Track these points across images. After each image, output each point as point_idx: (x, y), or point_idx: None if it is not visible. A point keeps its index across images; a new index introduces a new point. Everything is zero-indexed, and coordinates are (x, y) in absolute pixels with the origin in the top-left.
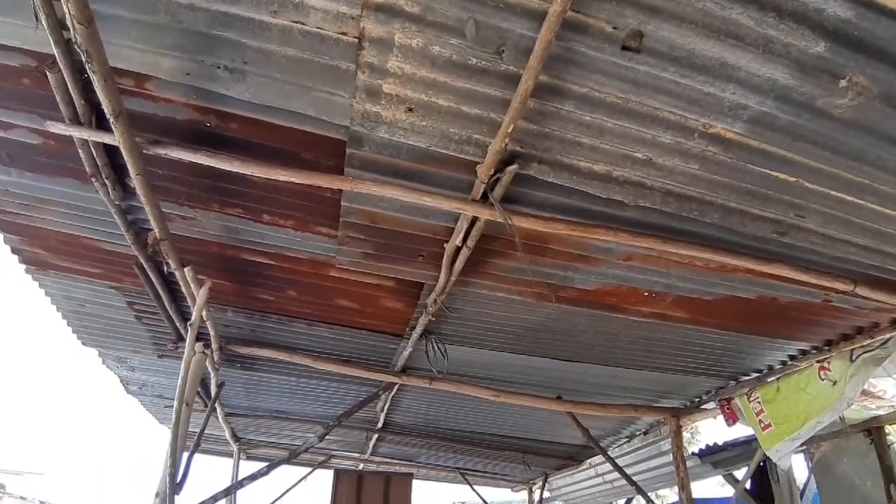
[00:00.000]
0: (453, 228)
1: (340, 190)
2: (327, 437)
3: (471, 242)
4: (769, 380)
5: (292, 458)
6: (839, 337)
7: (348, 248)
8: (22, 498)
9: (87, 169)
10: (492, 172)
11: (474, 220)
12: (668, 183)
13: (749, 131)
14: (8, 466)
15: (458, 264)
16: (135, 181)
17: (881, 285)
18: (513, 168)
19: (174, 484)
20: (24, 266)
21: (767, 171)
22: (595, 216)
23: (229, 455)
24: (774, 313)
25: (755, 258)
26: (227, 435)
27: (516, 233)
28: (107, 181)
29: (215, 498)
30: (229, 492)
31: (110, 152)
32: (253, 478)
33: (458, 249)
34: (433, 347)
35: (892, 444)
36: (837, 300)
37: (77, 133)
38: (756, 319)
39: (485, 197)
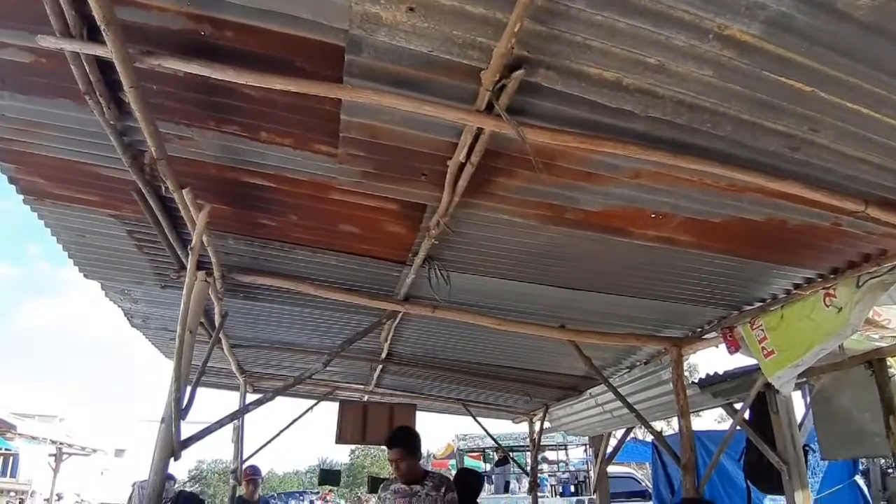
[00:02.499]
0: (457, 144)
1: (339, 104)
2: (332, 369)
3: (475, 158)
4: (773, 308)
5: (297, 383)
6: (846, 264)
7: (349, 167)
8: (32, 437)
9: (80, 86)
10: (497, 79)
11: (478, 134)
12: (680, 91)
13: (765, 34)
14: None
15: (462, 183)
16: (128, 95)
17: (893, 207)
18: (519, 73)
19: (179, 410)
20: (22, 196)
21: (783, 79)
22: (604, 128)
23: (236, 388)
24: (782, 237)
25: (766, 174)
26: (233, 367)
27: (525, 139)
28: (101, 98)
29: (221, 423)
30: (235, 416)
31: (104, 69)
32: (258, 403)
33: (461, 166)
34: (436, 274)
35: (893, 376)
36: (847, 224)
37: (68, 46)
38: (763, 244)
39: (490, 107)
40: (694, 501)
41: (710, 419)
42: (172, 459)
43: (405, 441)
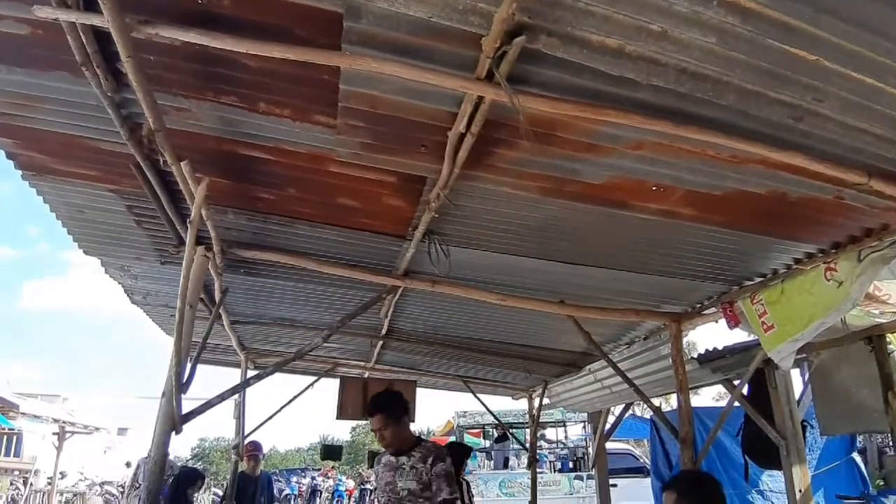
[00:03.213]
0: (457, 114)
1: (338, 73)
2: (333, 345)
3: (475, 128)
4: (773, 283)
5: (298, 357)
6: (847, 239)
7: (348, 138)
8: (35, 416)
9: (77, 58)
10: (497, 45)
11: (479, 103)
12: (684, 59)
13: (770, 0)
14: (23, 390)
15: (462, 154)
16: (126, 65)
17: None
18: (520, 40)
19: (180, 384)
20: (20, 172)
21: (787, 46)
22: (606, 97)
23: (237, 365)
24: (784, 211)
25: (769, 145)
26: (234, 343)
27: (519, 107)
28: (98, 70)
29: (222, 397)
30: (236, 390)
31: (101, 40)
32: (259, 377)
33: (461, 137)
34: (436, 249)
35: (893, 352)
36: (849, 197)
37: (65, 16)
38: (764, 217)
39: (490, 76)
40: (692, 474)
41: (708, 397)
42: (174, 433)
43: (384, 405)
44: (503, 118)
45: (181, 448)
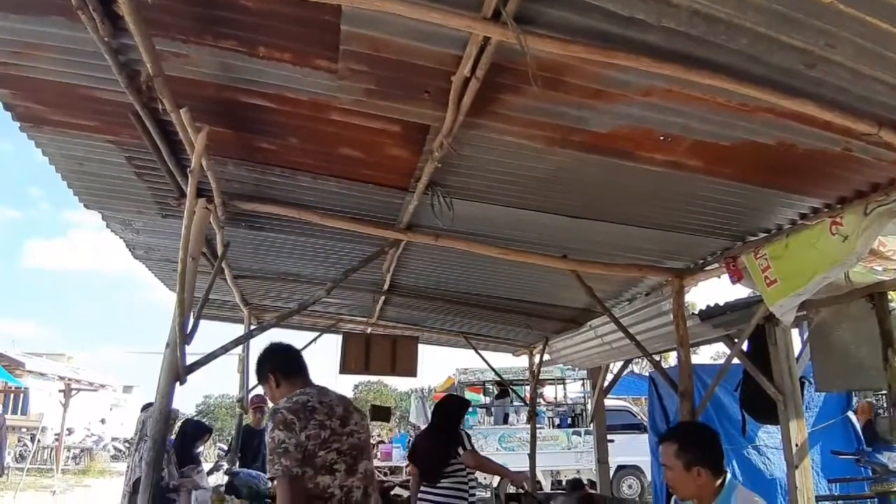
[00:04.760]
0: (461, 57)
1: (340, 14)
2: (336, 300)
3: (480, 72)
4: (777, 237)
5: (301, 310)
6: (854, 194)
7: (349, 84)
8: (41, 374)
9: (72, 0)
10: None
11: (484, 45)
12: (696, 1)
13: None
14: (29, 349)
15: (466, 100)
16: (122, 6)
17: None
18: None
19: (184, 334)
20: (18, 124)
21: None
22: (615, 40)
23: (240, 321)
24: (792, 163)
25: (780, 92)
26: (237, 299)
27: (526, 48)
28: (94, 14)
29: (226, 348)
30: (240, 342)
31: None
32: (262, 329)
33: (466, 82)
34: (439, 201)
35: (894, 310)
36: (857, 149)
37: None
38: (772, 170)
39: (497, 15)
40: (691, 424)
41: (707, 357)
42: (178, 383)
43: (257, 369)
44: (509, 62)
45: (186, 404)
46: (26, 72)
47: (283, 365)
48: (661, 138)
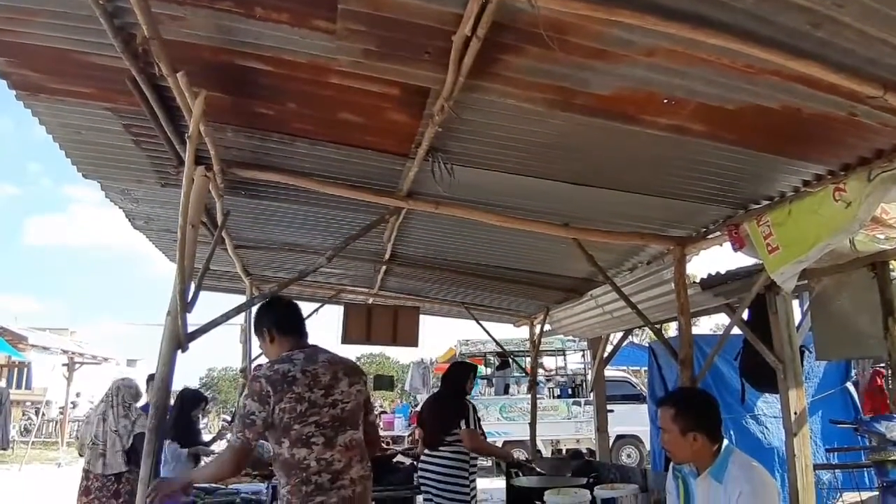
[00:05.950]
0: (462, 16)
1: None
2: (337, 271)
3: (481, 31)
4: (780, 204)
5: (302, 277)
6: (858, 161)
7: (348, 44)
8: (44, 348)
9: None
10: None
11: (486, 3)
12: None
13: None
14: (32, 324)
15: (468, 60)
16: None
17: None
18: None
19: (185, 302)
20: (14, 92)
21: None
22: None
23: (242, 292)
24: (796, 128)
25: (786, 52)
26: (238, 269)
27: (535, 5)
28: None
29: (227, 315)
30: (241, 310)
31: None
32: (264, 296)
33: (467, 41)
34: (439, 167)
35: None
36: (862, 114)
37: None
38: (776, 135)
39: None
40: (688, 391)
41: (706, 328)
42: (179, 351)
43: (254, 322)
44: (511, 20)
45: (190, 377)
46: (21, 38)
47: (280, 321)
48: (665, 101)
